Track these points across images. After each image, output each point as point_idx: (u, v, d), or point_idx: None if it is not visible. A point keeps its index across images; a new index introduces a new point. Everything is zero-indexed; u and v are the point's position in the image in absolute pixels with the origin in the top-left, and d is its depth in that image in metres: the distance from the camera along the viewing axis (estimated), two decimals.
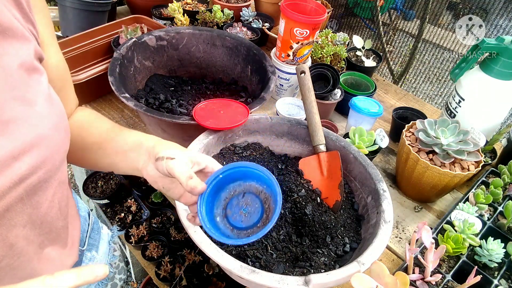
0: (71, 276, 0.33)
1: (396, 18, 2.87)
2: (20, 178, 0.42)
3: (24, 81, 0.43)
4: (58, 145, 0.47)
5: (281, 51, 1.08)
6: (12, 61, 0.42)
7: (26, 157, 0.42)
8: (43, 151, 0.44)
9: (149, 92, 1.02)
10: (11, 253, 0.47)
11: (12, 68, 0.42)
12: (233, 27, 1.37)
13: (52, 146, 0.46)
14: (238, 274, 0.55)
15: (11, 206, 0.43)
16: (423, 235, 0.65)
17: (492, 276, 0.70)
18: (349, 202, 0.80)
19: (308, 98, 0.84)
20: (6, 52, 0.41)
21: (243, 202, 0.50)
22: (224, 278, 1.38)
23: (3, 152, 0.40)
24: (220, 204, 0.51)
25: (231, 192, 0.51)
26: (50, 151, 0.45)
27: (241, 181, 0.51)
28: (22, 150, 0.42)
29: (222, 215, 0.50)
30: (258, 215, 0.48)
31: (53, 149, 0.46)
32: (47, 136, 0.45)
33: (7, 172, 0.41)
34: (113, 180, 1.79)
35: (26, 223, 0.47)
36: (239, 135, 0.85)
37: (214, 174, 0.49)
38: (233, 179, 0.51)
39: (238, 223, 0.47)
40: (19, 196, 0.44)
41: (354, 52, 1.34)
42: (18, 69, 0.43)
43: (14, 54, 0.42)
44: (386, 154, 1.06)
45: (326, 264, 0.67)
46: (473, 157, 0.83)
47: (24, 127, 0.42)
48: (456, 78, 0.98)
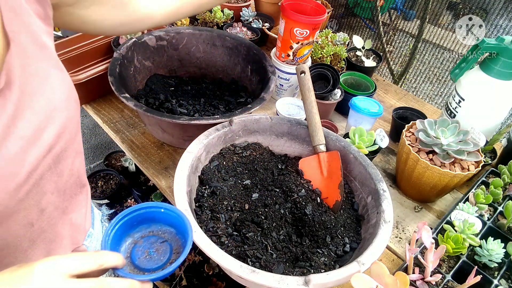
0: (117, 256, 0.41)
1: (396, 18, 2.87)
2: (48, 147, 0.47)
3: (37, 56, 0.46)
4: (71, 115, 0.51)
5: (281, 51, 1.08)
6: (25, 37, 0.45)
7: (49, 128, 0.46)
8: (61, 122, 0.48)
9: (149, 92, 1.02)
10: (42, 217, 0.51)
11: (26, 43, 0.45)
12: (233, 27, 1.37)
13: (66, 116, 0.49)
14: (238, 274, 0.55)
15: (43, 174, 0.48)
16: (423, 235, 0.65)
17: (492, 276, 0.70)
18: (349, 202, 0.80)
19: (308, 98, 0.84)
20: (19, 30, 0.44)
21: (150, 244, 0.49)
22: (224, 278, 1.38)
23: (33, 125, 0.44)
24: (126, 244, 0.49)
25: (140, 233, 0.50)
26: (66, 121, 0.49)
27: (151, 223, 0.50)
28: (46, 121, 0.46)
29: (126, 256, 0.48)
30: (166, 256, 0.47)
31: (68, 120, 0.50)
32: (61, 107, 0.48)
33: (38, 143, 0.45)
34: (113, 180, 1.79)
35: (54, 190, 0.52)
36: (239, 135, 0.85)
37: (119, 216, 0.48)
38: (140, 221, 0.50)
39: (144, 265, 0.46)
40: (48, 165, 0.48)
41: (354, 52, 1.34)
42: (32, 44, 0.45)
43: (25, 31, 0.45)
44: (386, 154, 1.06)
45: (326, 264, 0.67)
46: (473, 157, 0.83)
47: (42, 99, 0.45)
48: (456, 78, 0.98)
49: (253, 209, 0.73)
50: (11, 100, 0.42)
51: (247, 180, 0.79)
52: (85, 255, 0.40)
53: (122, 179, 1.77)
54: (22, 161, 0.43)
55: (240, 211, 0.73)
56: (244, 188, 0.78)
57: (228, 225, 0.70)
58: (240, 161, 0.82)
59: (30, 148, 0.44)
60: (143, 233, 0.50)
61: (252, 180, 0.79)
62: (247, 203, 0.75)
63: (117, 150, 1.99)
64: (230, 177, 0.79)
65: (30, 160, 0.44)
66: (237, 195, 0.75)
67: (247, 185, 0.78)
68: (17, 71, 0.43)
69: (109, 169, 1.79)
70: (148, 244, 0.48)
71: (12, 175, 0.43)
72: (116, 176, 1.78)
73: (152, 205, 0.49)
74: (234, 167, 0.81)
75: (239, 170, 0.81)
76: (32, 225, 0.50)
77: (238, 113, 0.84)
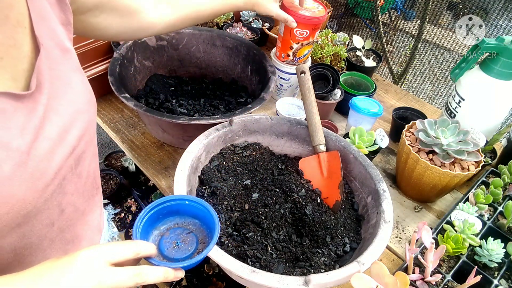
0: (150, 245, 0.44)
1: (396, 18, 2.87)
2: (72, 149, 0.49)
3: (61, 60, 0.48)
4: (91, 118, 0.53)
5: (281, 51, 1.08)
6: (51, 42, 0.47)
7: (73, 130, 0.49)
8: (83, 124, 0.50)
9: (149, 92, 1.02)
10: (61, 217, 0.53)
11: (52, 48, 0.47)
12: (233, 27, 1.37)
13: (87, 119, 0.52)
14: (238, 274, 0.55)
15: (66, 175, 0.50)
16: (423, 235, 0.65)
17: (492, 276, 0.70)
18: (349, 202, 0.80)
19: (308, 98, 0.84)
20: (45, 35, 0.46)
21: (177, 235, 0.51)
22: (224, 278, 1.38)
23: (58, 127, 0.46)
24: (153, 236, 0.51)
25: (165, 225, 0.52)
26: (87, 124, 0.52)
27: (175, 216, 0.52)
28: (69, 124, 0.48)
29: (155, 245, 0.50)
30: (193, 246, 0.49)
31: (88, 122, 0.52)
32: (83, 110, 0.51)
33: (64, 144, 0.47)
34: (113, 180, 1.79)
35: (74, 191, 0.53)
36: (239, 135, 0.85)
37: (149, 206, 0.50)
38: (165, 214, 0.51)
39: (173, 255, 0.48)
40: (70, 166, 0.50)
41: (354, 52, 1.34)
42: (57, 49, 0.48)
43: (51, 36, 0.47)
44: (386, 154, 1.06)
45: (326, 264, 0.67)
46: (473, 157, 0.83)
47: (66, 102, 0.48)
48: (456, 78, 0.98)
49: (253, 209, 0.73)
50: (42, 103, 0.44)
51: (247, 180, 0.79)
52: (124, 244, 0.42)
53: (122, 179, 1.77)
54: (50, 161, 0.45)
55: (240, 211, 0.73)
56: (244, 188, 0.78)
57: (228, 225, 0.71)
58: (240, 161, 0.82)
59: (57, 149, 0.46)
60: (169, 226, 0.52)
61: (252, 180, 0.79)
62: (247, 203, 0.75)
63: (117, 150, 2.00)
64: (230, 177, 0.79)
65: (56, 161, 0.46)
66: (237, 195, 0.75)
67: (247, 185, 0.78)
68: (45, 74, 0.45)
69: (109, 169, 1.79)
70: (175, 235, 0.50)
71: (42, 175, 0.44)
72: (116, 176, 1.78)
73: (177, 197, 0.51)
74: (234, 167, 0.81)
75: (239, 170, 0.81)
76: (52, 224, 0.52)
77: (238, 113, 0.84)
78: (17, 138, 0.41)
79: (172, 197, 0.50)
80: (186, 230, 0.51)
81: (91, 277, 0.39)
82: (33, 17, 0.44)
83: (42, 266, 0.39)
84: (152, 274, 0.42)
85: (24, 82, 0.44)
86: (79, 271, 0.38)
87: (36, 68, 0.44)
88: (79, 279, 0.38)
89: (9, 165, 0.40)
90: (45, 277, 0.38)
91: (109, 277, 0.39)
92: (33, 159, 0.43)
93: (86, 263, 0.39)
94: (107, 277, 0.39)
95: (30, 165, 0.42)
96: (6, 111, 0.40)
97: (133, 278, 0.40)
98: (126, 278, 0.40)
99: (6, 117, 0.40)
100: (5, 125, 0.40)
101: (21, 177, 0.42)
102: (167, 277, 0.44)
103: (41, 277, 0.38)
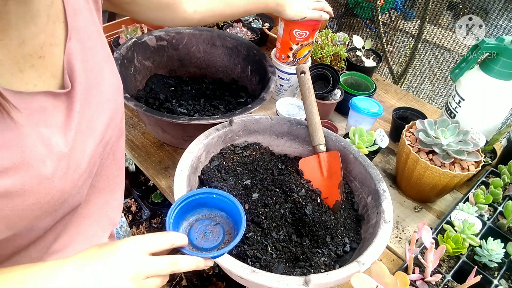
0: None
1: (396, 18, 2.87)
2: (101, 137, 0.51)
3: (93, 51, 0.50)
4: (118, 107, 0.55)
5: (281, 53, 1.08)
6: (84, 32, 0.48)
7: (100, 119, 0.50)
8: (109, 113, 0.53)
9: (149, 92, 1.02)
10: (86, 198, 0.56)
11: (85, 38, 0.48)
12: (233, 27, 1.37)
13: (114, 108, 0.54)
14: (238, 274, 0.55)
15: (95, 161, 0.52)
16: (423, 235, 0.65)
17: (492, 276, 0.70)
18: (349, 202, 0.80)
19: (308, 98, 0.84)
20: (78, 25, 0.47)
21: (205, 226, 0.53)
22: (224, 278, 1.38)
23: (87, 118, 0.48)
24: (183, 226, 0.54)
25: (194, 217, 0.55)
26: (113, 112, 0.54)
27: (203, 208, 0.55)
28: (97, 113, 0.50)
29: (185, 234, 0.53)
30: (220, 237, 0.52)
31: (114, 111, 0.54)
32: (110, 99, 0.53)
33: (93, 134, 0.50)
34: None
35: (99, 172, 0.56)
36: (239, 135, 0.85)
37: (181, 198, 0.52)
38: (193, 206, 0.54)
39: (202, 245, 0.51)
40: (99, 153, 0.53)
41: (354, 52, 1.34)
42: (89, 39, 0.49)
43: (84, 25, 0.49)
44: (386, 154, 1.06)
45: (326, 264, 0.67)
46: (473, 157, 0.83)
47: (96, 93, 0.50)
48: (456, 78, 0.98)
49: (253, 209, 0.73)
50: (78, 98, 0.46)
51: (247, 180, 0.79)
52: (160, 236, 0.46)
53: None
54: (83, 153, 0.48)
55: None
56: (244, 188, 0.78)
57: None
58: (240, 161, 0.82)
59: (88, 140, 0.49)
60: (197, 217, 0.54)
61: (252, 180, 0.79)
62: (247, 203, 0.75)
63: None
64: (230, 177, 0.79)
65: (88, 152, 0.49)
66: (237, 195, 0.75)
67: (247, 185, 0.78)
68: (78, 68, 0.47)
69: None
70: (203, 226, 0.53)
71: (77, 166, 0.47)
72: None
73: (206, 191, 0.53)
74: (234, 167, 0.81)
75: (239, 170, 0.81)
76: (76, 210, 0.55)
77: (238, 113, 0.84)
78: (57, 134, 0.44)
79: (201, 191, 0.53)
80: (213, 221, 0.54)
81: (132, 265, 0.42)
82: (67, 10, 0.45)
83: (86, 254, 0.42)
84: (185, 263, 0.45)
85: (62, 78, 0.46)
86: (121, 259, 0.42)
87: (67, 65, 0.45)
88: (121, 267, 0.42)
89: (51, 161, 0.43)
90: (90, 266, 0.41)
91: (148, 266, 0.43)
92: (70, 153, 0.46)
93: (128, 252, 0.43)
94: (146, 266, 0.43)
95: (68, 158, 0.45)
96: (46, 109, 0.43)
97: (170, 266, 0.44)
98: (163, 266, 0.43)
99: (46, 115, 0.43)
100: (46, 123, 0.43)
101: (61, 171, 0.44)
102: (198, 265, 0.47)
103: (85, 265, 0.41)
